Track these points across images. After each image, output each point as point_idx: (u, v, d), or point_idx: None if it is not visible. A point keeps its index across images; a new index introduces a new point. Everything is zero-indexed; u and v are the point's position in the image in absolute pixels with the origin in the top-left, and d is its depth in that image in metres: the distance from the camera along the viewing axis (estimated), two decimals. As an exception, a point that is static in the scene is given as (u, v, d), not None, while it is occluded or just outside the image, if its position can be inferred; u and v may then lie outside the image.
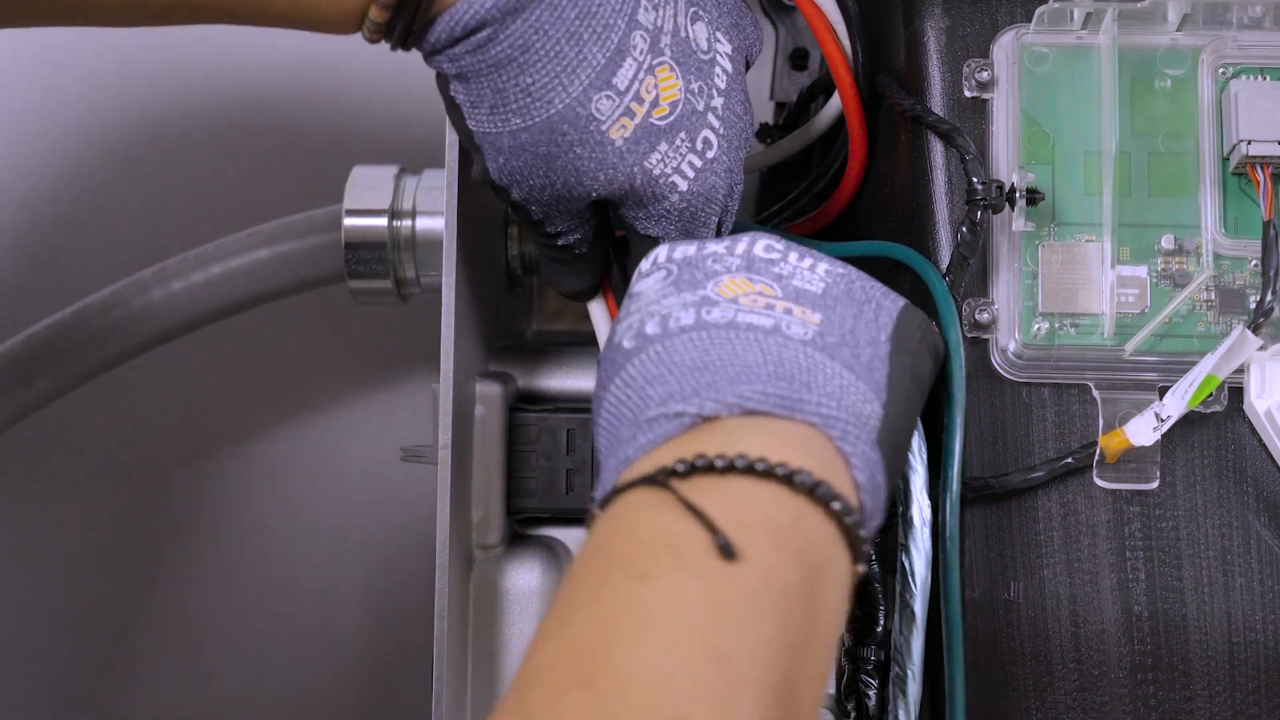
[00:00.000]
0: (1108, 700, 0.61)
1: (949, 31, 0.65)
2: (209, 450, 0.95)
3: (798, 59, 0.82)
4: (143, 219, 0.94)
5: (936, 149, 0.64)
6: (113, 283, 0.84)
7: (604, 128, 0.57)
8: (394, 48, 0.58)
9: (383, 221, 0.73)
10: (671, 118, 0.58)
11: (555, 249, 0.63)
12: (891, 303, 0.56)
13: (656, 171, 0.59)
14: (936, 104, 0.64)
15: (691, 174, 0.60)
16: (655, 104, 0.58)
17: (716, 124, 0.60)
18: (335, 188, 0.75)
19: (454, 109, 0.59)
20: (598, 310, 0.66)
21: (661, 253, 0.57)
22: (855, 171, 0.71)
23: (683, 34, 0.59)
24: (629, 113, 0.58)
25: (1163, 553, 0.61)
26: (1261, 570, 0.61)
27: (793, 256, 0.56)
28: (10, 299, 0.93)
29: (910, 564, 0.59)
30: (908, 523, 0.59)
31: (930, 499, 0.62)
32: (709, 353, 0.52)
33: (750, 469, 0.47)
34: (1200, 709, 0.60)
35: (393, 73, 0.93)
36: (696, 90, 0.59)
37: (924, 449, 0.61)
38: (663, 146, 0.59)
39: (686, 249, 0.56)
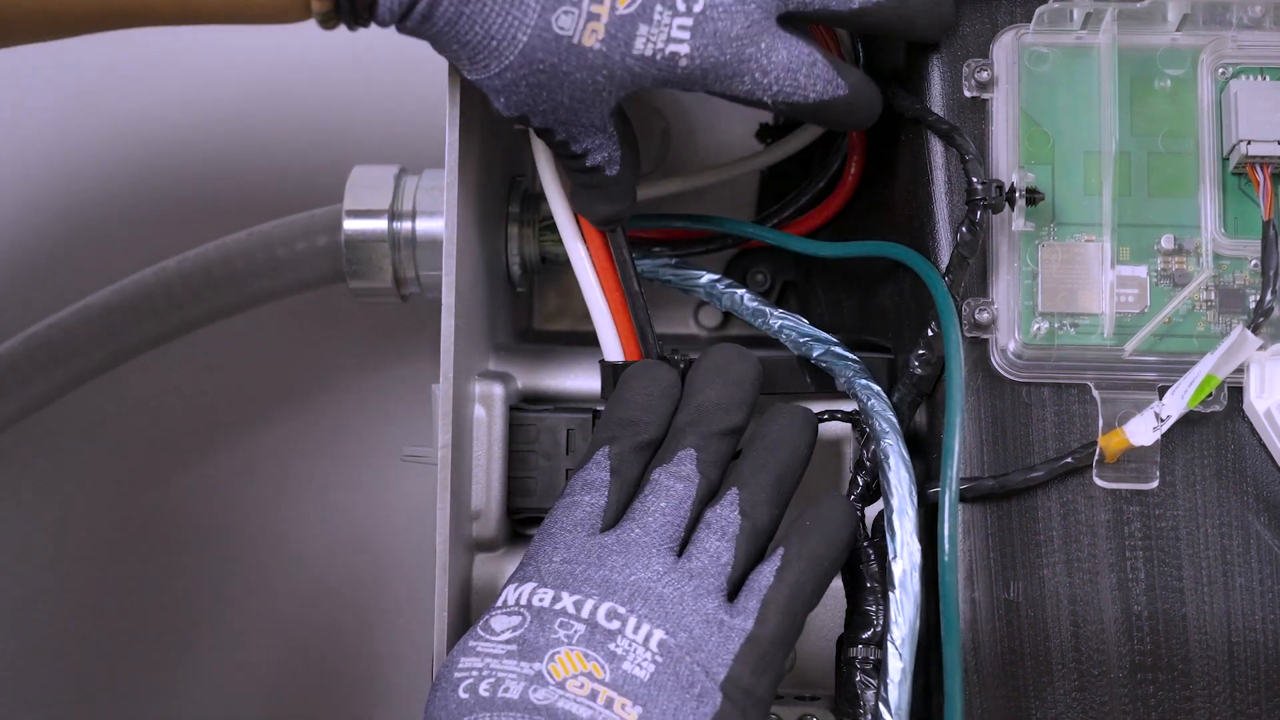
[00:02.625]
0: (1108, 700, 0.61)
1: (949, 31, 0.65)
2: (208, 450, 0.95)
3: (798, 59, 0.81)
4: (143, 219, 0.94)
5: (936, 149, 0.64)
6: (113, 283, 0.84)
7: (576, 40, 0.58)
8: (352, 29, 0.60)
9: (383, 221, 0.73)
10: (637, 3, 0.58)
11: (586, 172, 0.63)
12: (714, 689, 0.57)
13: (650, 53, 0.59)
14: (936, 104, 0.64)
15: (686, 35, 0.59)
16: None
17: None
18: (335, 188, 0.75)
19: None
20: (600, 309, 0.66)
21: (526, 586, 0.59)
22: (854, 171, 0.71)
23: None
24: (593, 16, 0.58)
25: (1163, 553, 0.61)
26: (1261, 570, 0.61)
27: (629, 627, 0.57)
28: (10, 299, 0.93)
29: (899, 607, 0.59)
30: (897, 565, 0.60)
31: (929, 499, 0.62)
32: None
33: None
34: (1200, 709, 0.60)
35: (393, 73, 0.93)
36: None
37: (914, 490, 0.61)
38: (643, 29, 0.59)
39: (542, 592, 0.58)
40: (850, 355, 0.66)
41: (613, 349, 0.66)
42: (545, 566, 0.59)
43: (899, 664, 0.59)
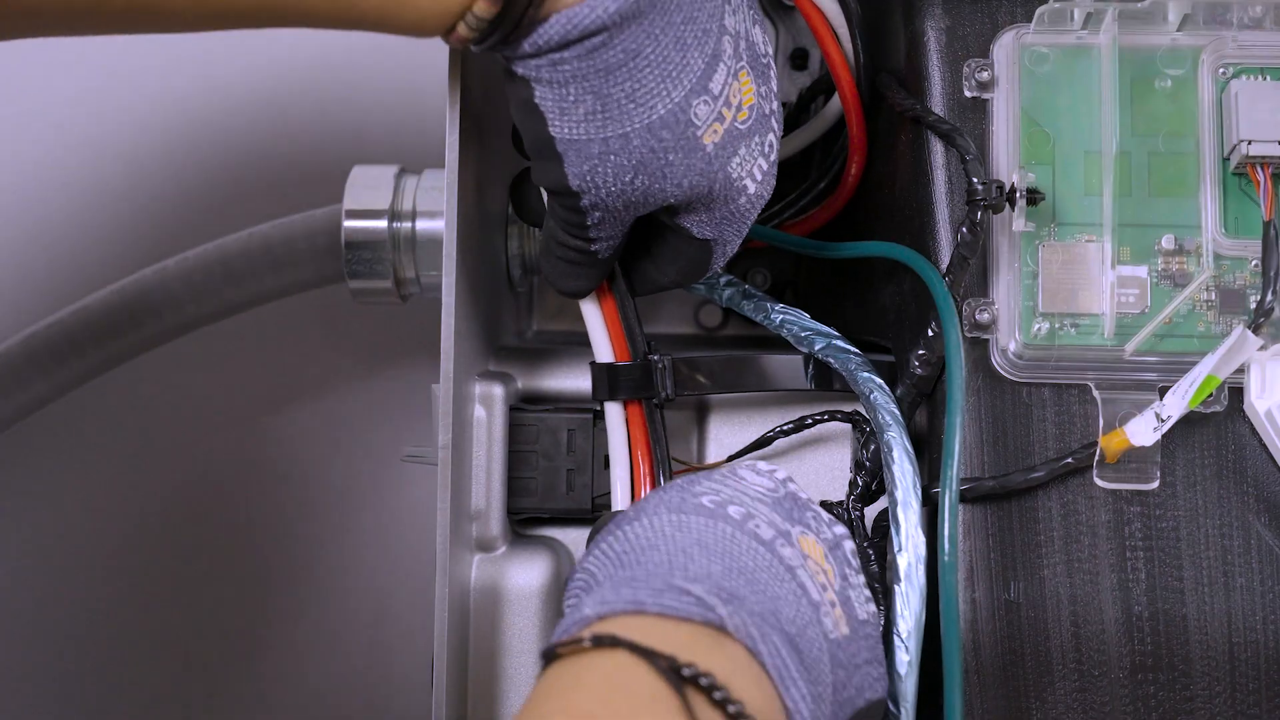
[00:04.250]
0: (1108, 700, 0.61)
1: (949, 31, 0.65)
2: (208, 450, 0.95)
3: (798, 59, 0.82)
4: (143, 219, 0.94)
5: (937, 149, 0.64)
6: (113, 283, 0.84)
7: (699, 133, 0.57)
8: (484, 48, 0.56)
9: (383, 221, 0.73)
10: (750, 121, 0.59)
11: (576, 251, 0.61)
12: (880, 682, 0.57)
13: (735, 175, 0.59)
14: (937, 104, 0.64)
15: (759, 176, 0.60)
16: (739, 108, 0.58)
17: (777, 127, 0.61)
18: (335, 188, 0.75)
19: (533, 114, 0.57)
20: (591, 312, 0.66)
21: (780, 472, 0.59)
22: (855, 171, 0.71)
23: (751, 38, 0.59)
24: (720, 117, 0.57)
25: (1163, 553, 0.61)
26: (1261, 570, 0.61)
27: (861, 577, 0.58)
28: (10, 299, 0.93)
29: (905, 601, 0.59)
30: (902, 559, 0.60)
31: (929, 499, 0.62)
32: (762, 574, 0.53)
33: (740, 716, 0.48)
34: (1200, 709, 0.60)
35: (393, 73, 0.93)
36: (764, 94, 0.59)
37: (919, 483, 0.61)
38: (742, 150, 0.59)
39: (800, 489, 0.59)
40: (852, 349, 0.66)
41: (604, 351, 0.66)
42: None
43: (905, 656, 0.59)
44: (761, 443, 0.69)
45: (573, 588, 0.56)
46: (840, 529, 0.59)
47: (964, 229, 0.61)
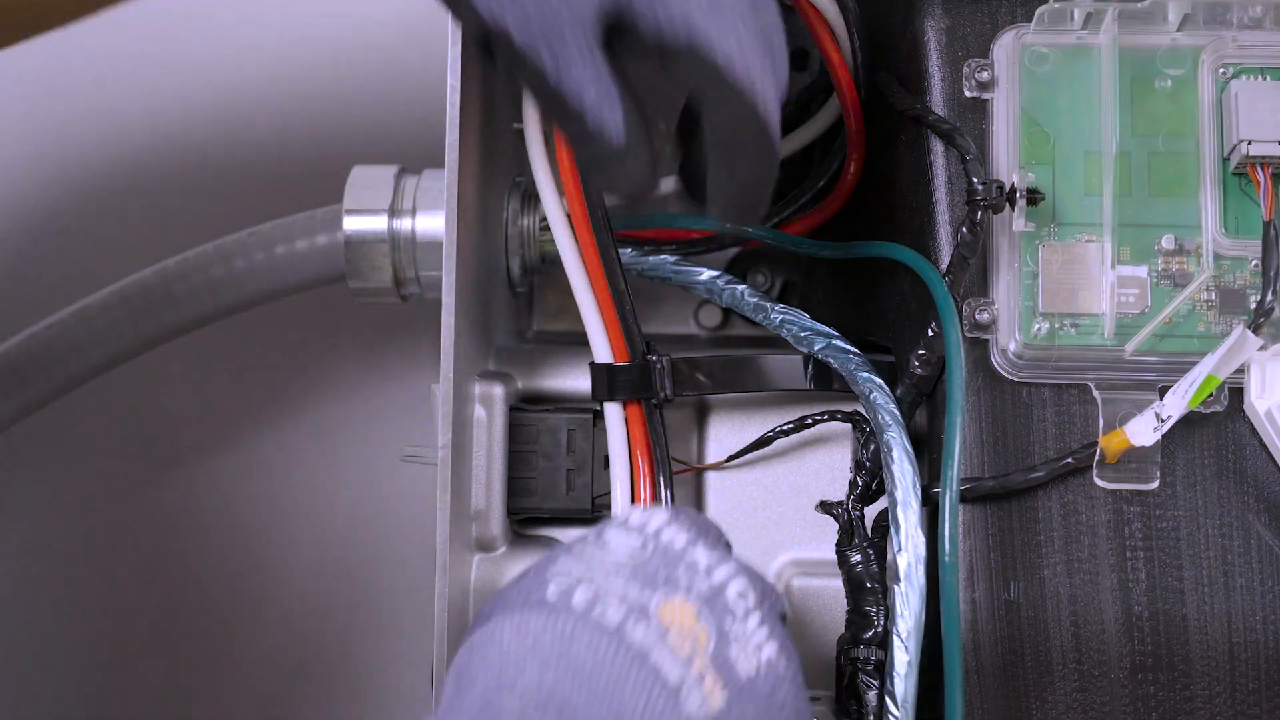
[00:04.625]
0: (1108, 700, 0.61)
1: (949, 31, 0.65)
2: (207, 450, 0.95)
3: (797, 59, 0.81)
4: (143, 219, 0.94)
5: (937, 149, 0.64)
6: (113, 283, 0.84)
7: None
8: None
9: (383, 221, 0.73)
10: None
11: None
12: None
13: None
14: (937, 104, 0.64)
15: None
16: None
17: None
18: (335, 188, 0.75)
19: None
20: (590, 312, 0.66)
21: (655, 521, 0.53)
22: (853, 171, 0.71)
23: None
24: None
25: (1163, 553, 0.61)
26: (1262, 570, 0.61)
27: (754, 619, 0.52)
28: (10, 299, 0.93)
29: (904, 601, 0.59)
30: (901, 559, 0.60)
31: (929, 499, 0.62)
32: (602, 672, 0.48)
33: None
34: (1200, 709, 0.60)
35: (393, 73, 0.93)
36: None
37: (919, 483, 0.61)
38: None
39: (677, 535, 0.53)
40: (852, 349, 0.66)
41: (602, 351, 0.66)
42: (684, 510, 0.54)
43: (905, 657, 0.59)
44: (761, 443, 0.69)
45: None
46: (722, 573, 0.52)
47: (964, 229, 0.61)
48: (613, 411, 0.66)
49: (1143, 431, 0.60)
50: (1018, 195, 0.61)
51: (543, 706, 0.47)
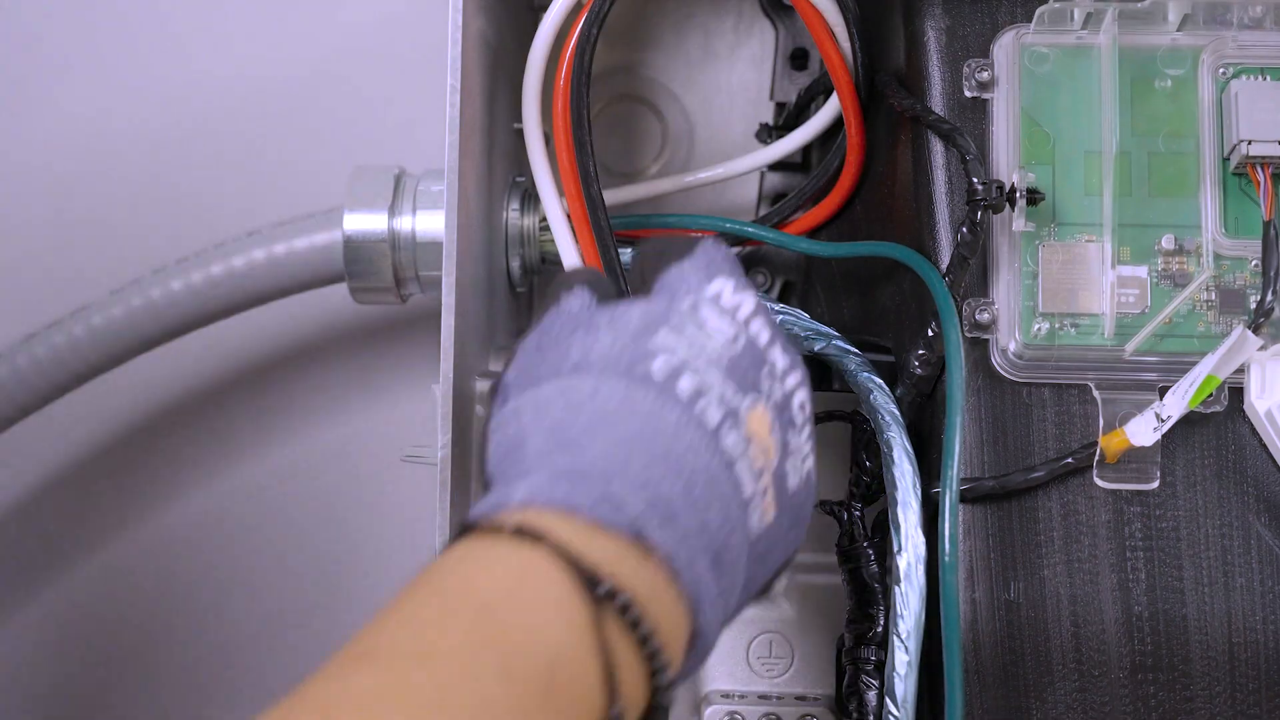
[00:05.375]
0: (1108, 700, 0.60)
1: (949, 31, 0.65)
2: (208, 450, 0.95)
3: (798, 59, 0.82)
4: (143, 219, 0.94)
5: (937, 149, 0.64)
6: (112, 283, 0.84)
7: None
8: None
9: (383, 221, 0.73)
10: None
11: None
12: (793, 544, 0.53)
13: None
14: (937, 104, 0.64)
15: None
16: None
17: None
18: (335, 188, 0.75)
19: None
20: None
21: (746, 305, 0.52)
22: (852, 170, 0.71)
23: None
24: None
25: (1163, 553, 0.61)
26: (1261, 570, 0.61)
27: (807, 430, 0.52)
28: (10, 299, 0.93)
29: (904, 601, 0.59)
30: (901, 559, 0.60)
31: (929, 500, 0.62)
32: (699, 477, 0.48)
33: (628, 612, 0.45)
34: (1200, 709, 0.60)
35: (393, 73, 0.93)
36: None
37: (919, 483, 0.61)
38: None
39: (763, 329, 0.52)
40: (852, 349, 0.66)
41: None
42: (759, 294, 0.53)
43: (904, 657, 0.59)
44: (761, 443, 0.69)
45: (502, 434, 0.50)
46: (793, 380, 0.52)
47: (964, 229, 0.61)
48: (613, 411, 0.66)
49: (1143, 431, 0.60)
50: (1018, 195, 0.61)
51: (653, 507, 0.47)
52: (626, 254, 0.71)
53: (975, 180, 0.61)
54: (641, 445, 0.48)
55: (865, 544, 0.64)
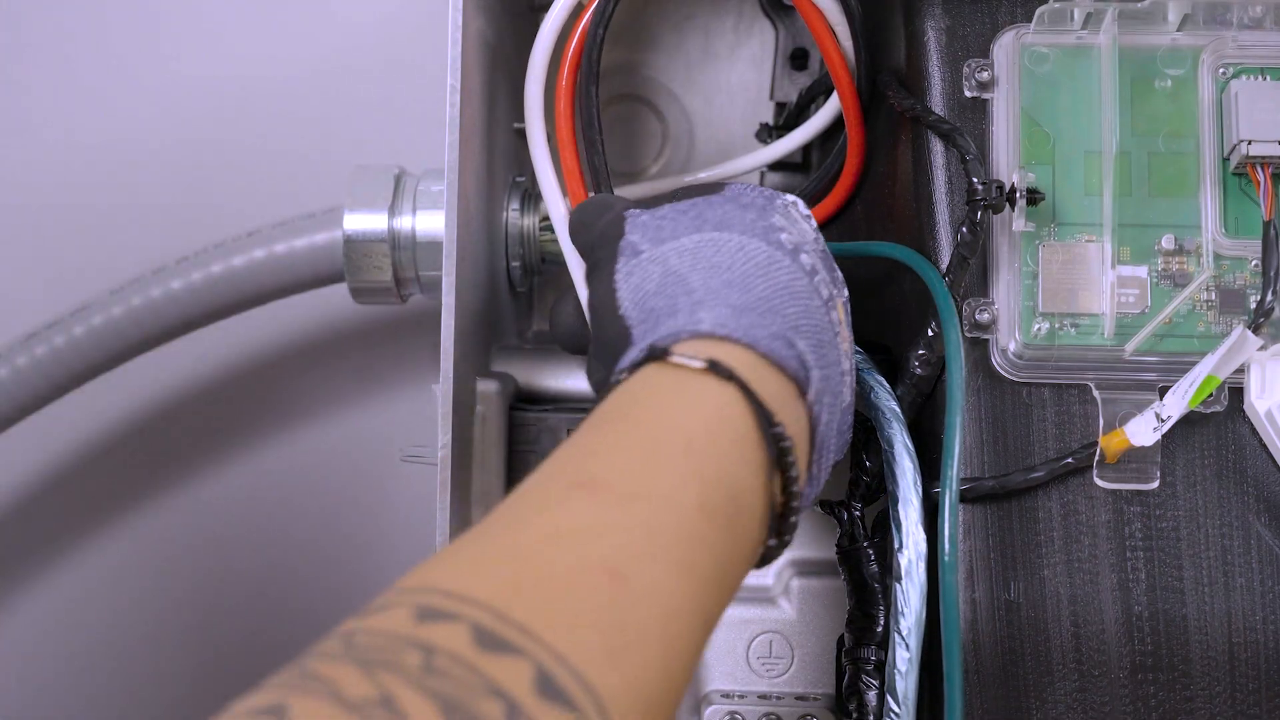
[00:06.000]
0: (1108, 700, 0.60)
1: (949, 31, 0.65)
2: (207, 450, 0.95)
3: (798, 59, 0.82)
4: (143, 219, 0.94)
5: (937, 149, 0.64)
6: (112, 283, 0.84)
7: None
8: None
9: (383, 221, 0.73)
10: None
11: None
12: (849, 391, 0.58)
13: None
14: (937, 104, 0.64)
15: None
16: None
17: None
18: (335, 188, 0.75)
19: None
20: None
21: (812, 218, 0.59)
22: (852, 170, 0.71)
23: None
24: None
25: (1163, 553, 0.61)
26: (1261, 570, 0.61)
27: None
28: (10, 299, 0.93)
29: (905, 599, 0.59)
30: (902, 557, 0.59)
31: (929, 499, 0.62)
32: (825, 335, 0.54)
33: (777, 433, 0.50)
34: (1200, 709, 0.60)
35: (393, 73, 0.93)
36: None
37: (919, 481, 0.61)
38: None
39: (824, 242, 0.58)
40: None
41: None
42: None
43: (905, 654, 0.59)
44: (761, 443, 0.69)
45: (642, 276, 0.55)
46: (845, 291, 0.59)
47: (964, 229, 0.61)
48: (613, 411, 0.66)
49: (1143, 431, 0.60)
50: (1018, 195, 0.61)
51: (811, 351, 0.53)
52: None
53: (975, 180, 0.61)
54: (789, 296, 0.54)
55: (865, 544, 0.64)
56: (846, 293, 0.58)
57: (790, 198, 0.59)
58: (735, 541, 0.48)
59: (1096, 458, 0.61)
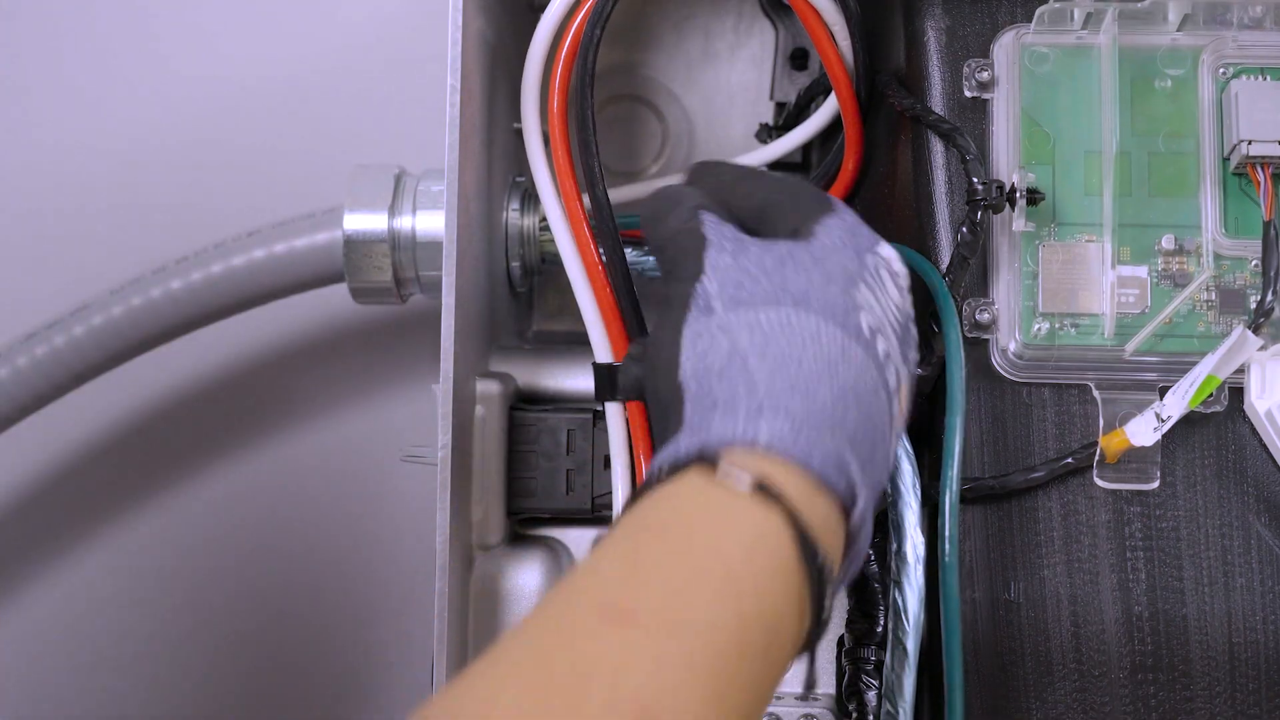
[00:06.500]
0: (1108, 700, 0.61)
1: (949, 31, 0.65)
2: (207, 450, 0.95)
3: (798, 59, 0.82)
4: (143, 219, 0.94)
5: (937, 149, 0.64)
6: (112, 283, 0.84)
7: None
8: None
9: (383, 221, 0.73)
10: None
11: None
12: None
13: None
14: (937, 104, 0.64)
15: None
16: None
17: None
18: (335, 188, 0.75)
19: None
20: (591, 312, 0.66)
21: (905, 272, 0.56)
22: (851, 170, 0.71)
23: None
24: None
25: (1163, 553, 0.61)
26: (1261, 570, 0.61)
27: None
28: (10, 299, 0.93)
29: (903, 601, 0.59)
30: (901, 559, 0.59)
31: (930, 499, 0.62)
32: (882, 428, 0.52)
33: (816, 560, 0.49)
34: (1200, 709, 0.60)
35: (393, 73, 0.93)
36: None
37: (918, 483, 0.61)
38: None
39: (911, 304, 0.56)
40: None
41: (603, 351, 0.66)
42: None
43: (905, 656, 0.59)
44: (761, 443, 0.69)
45: (710, 344, 0.52)
46: (917, 354, 0.57)
47: (964, 229, 0.61)
48: (614, 411, 0.66)
49: (1143, 431, 0.60)
50: (1018, 195, 0.61)
51: (860, 468, 0.51)
52: (627, 253, 0.71)
53: (975, 180, 0.61)
54: (854, 399, 0.52)
55: (865, 544, 0.64)
56: (917, 357, 0.56)
57: (885, 252, 0.55)
58: (769, 667, 0.48)
59: (1096, 458, 0.61)
